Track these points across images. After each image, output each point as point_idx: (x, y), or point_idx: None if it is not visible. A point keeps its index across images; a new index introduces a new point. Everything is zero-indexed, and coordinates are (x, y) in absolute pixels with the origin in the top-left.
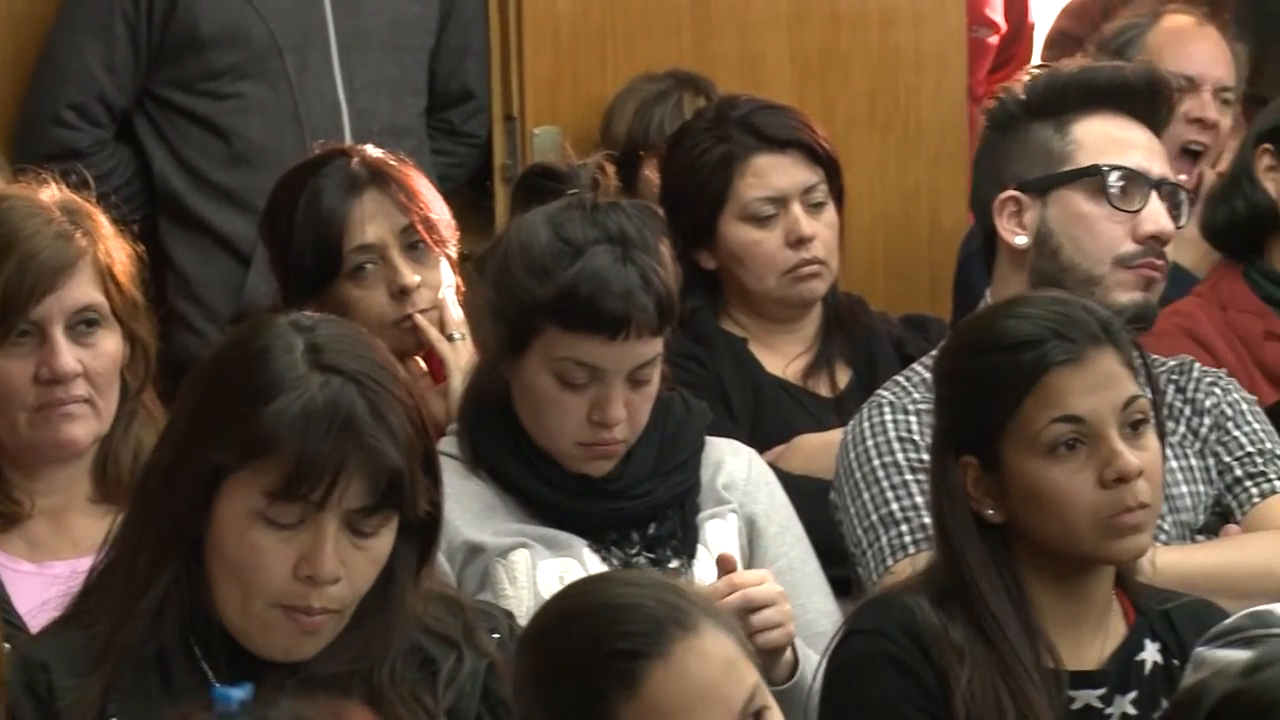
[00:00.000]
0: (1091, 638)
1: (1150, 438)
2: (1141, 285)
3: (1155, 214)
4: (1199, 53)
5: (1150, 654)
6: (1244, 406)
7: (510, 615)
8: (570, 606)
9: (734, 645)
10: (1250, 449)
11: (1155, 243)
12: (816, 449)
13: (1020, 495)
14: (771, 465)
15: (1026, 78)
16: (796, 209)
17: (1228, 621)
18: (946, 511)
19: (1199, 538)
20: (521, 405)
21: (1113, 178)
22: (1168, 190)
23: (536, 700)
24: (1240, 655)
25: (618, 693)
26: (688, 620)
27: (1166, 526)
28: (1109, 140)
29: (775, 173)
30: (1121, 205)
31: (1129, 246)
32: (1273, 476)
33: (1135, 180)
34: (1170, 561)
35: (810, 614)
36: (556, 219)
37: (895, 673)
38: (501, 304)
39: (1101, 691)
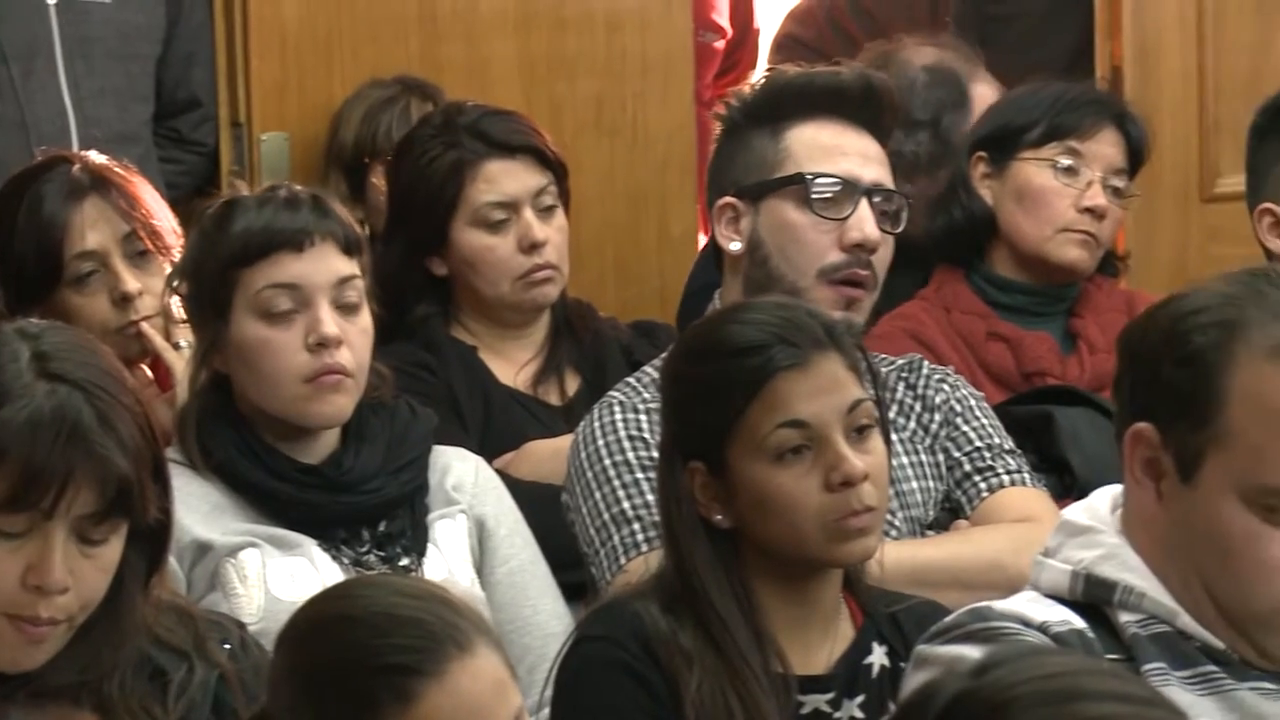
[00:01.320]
0: (820, 642)
1: (875, 441)
2: (842, 304)
3: (861, 221)
4: None
5: (878, 657)
6: (972, 403)
7: (242, 625)
8: (344, 611)
9: (503, 665)
10: (979, 444)
11: (861, 251)
12: (546, 455)
13: (748, 500)
14: (501, 472)
15: (753, 83)
16: (528, 214)
17: (948, 619)
18: (674, 517)
19: (929, 533)
20: (241, 373)
21: (818, 185)
22: (880, 198)
23: (301, 698)
24: (961, 650)
25: (390, 705)
26: (464, 639)
27: (897, 522)
28: (818, 147)
29: (506, 178)
30: (827, 213)
31: (835, 256)
32: (1001, 471)
33: (844, 188)
34: (901, 556)
35: (541, 615)
36: (230, 199)
37: (625, 679)
38: (194, 287)
39: (830, 695)
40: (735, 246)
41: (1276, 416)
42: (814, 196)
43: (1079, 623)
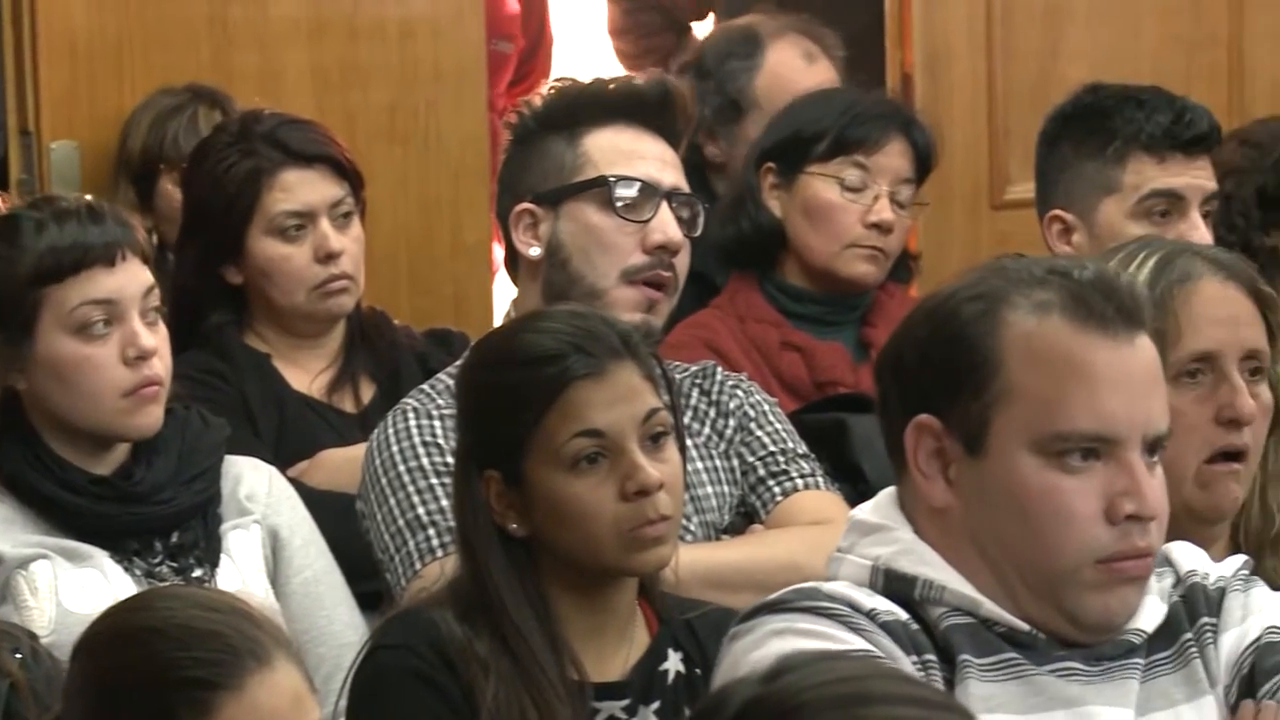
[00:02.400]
0: (616, 649)
1: (671, 449)
2: (644, 306)
3: (664, 224)
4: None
5: (673, 664)
6: (766, 408)
7: (34, 635)
8: (143, 622)
9: (302, 679)
10: (773, 448)
11: (664, 253)
12: (340, 463)
13: (543, 509)
14: (295, 480)
15: (545, 90)
16: (324, 224)
17: (773, 595)
18: (470, 526)
19: (724, 537)
20: (51, 389)
21: (620, 188)
22: (679, 201)
23: (97, 709)
24: (789, 622)
25: (187, 718)
26: (262, 652)
27: (693, 527)
28: (618, 152)
29: (303, 187)
30: (630, 216)
31: (638, 258)
32: (794, 475)
33: (645, 191)
34: (698, 559)
35: (337, 625)
36: (14, 210)
37: (420, 687)
38: None
39: (625, 702)
40: (534, 252)
41: (1052, 364)
42: (616, 199)
43: (902, 614)
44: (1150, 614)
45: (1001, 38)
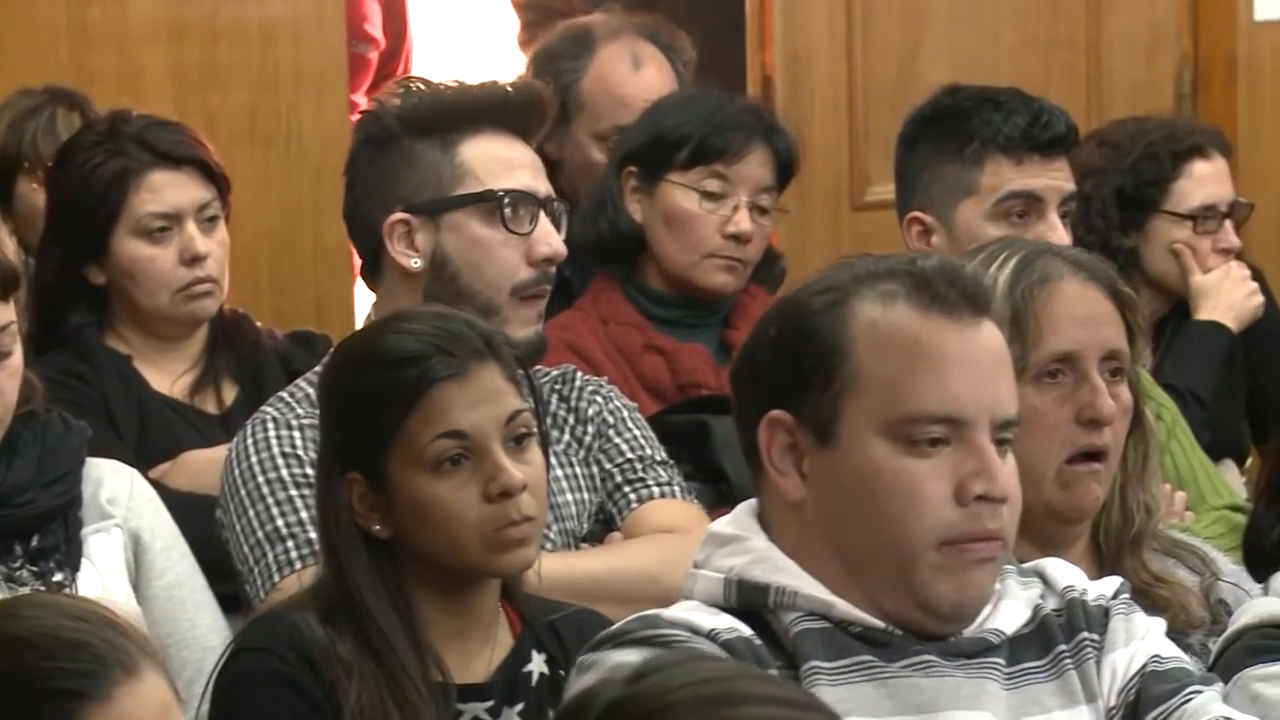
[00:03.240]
0: (479, 650)
1: (534, 451)
2: (534, 320)
3: (547, 235)
4: (637, 95)
5: (537, 665)
6: (625, 414)
7: None
8: (9, 631)
9: (168, 688)
10: (630, 456)
11: (548, 265)
12: (202, 466)
13: (406, 511)
14: (157, 482)
15: (400, 91)
16: (191, 227)
17: (615, 625)
18: (332, 528)
19: (584, 545)
20: None
21: (506, 201)
22: (553, 209)
23: None
24: (626, 656)
25: None
26: (130, 663)
27: (552, 534)
28: (496, 161)
29: (170, 189)
30: (515, 229)
31: (525, 273)
32: (651, 483)
33: (525, 201)
34: (557, 568)
35: (199, 628)
36: None
37: (283, 690)
38: None
39: (490, 704)
40: (416, 264)
41: (899, 348)
42: (505, 212)
43: (745, 630)
44: (1010, 616)
45: (861, 39)
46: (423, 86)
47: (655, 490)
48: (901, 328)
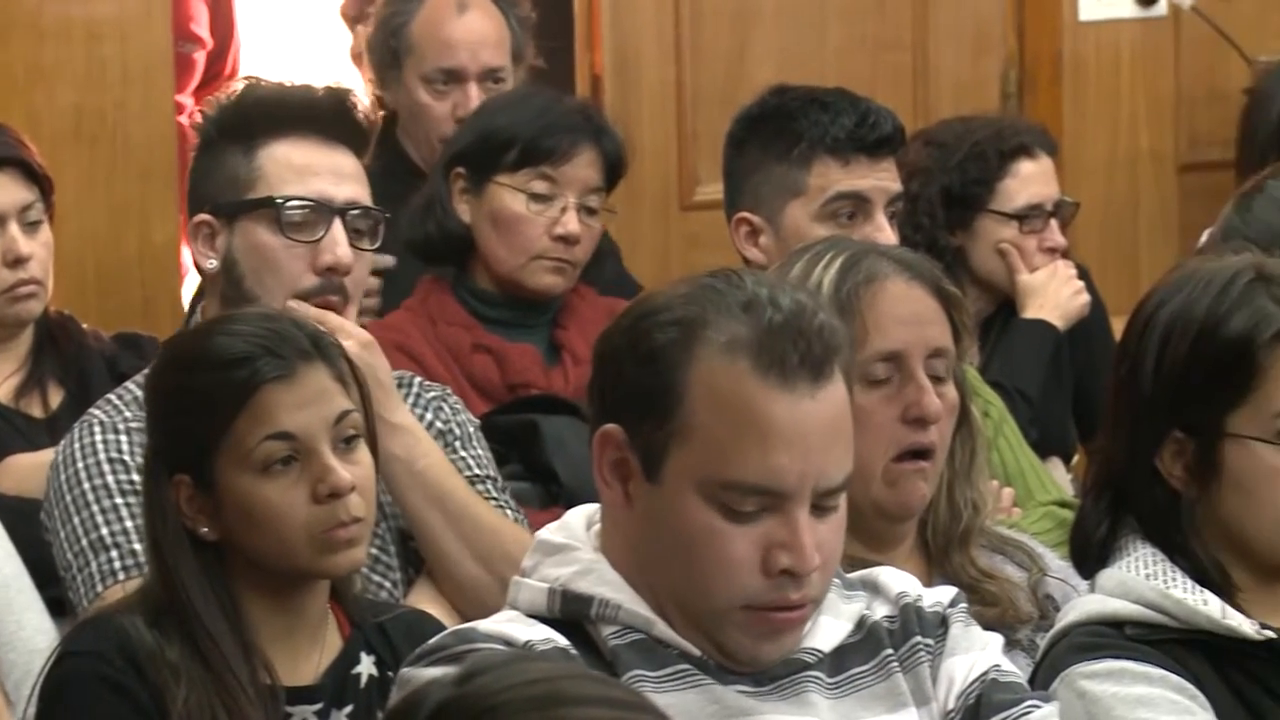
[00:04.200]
0: (308, 652)
1: (363, 452)
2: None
3: (334, 244)
4: (460, 38)
5: (366, 667)
6: (471, 430)
7: None
8: None
9: None
10: (478, 472)
11: (333, 274)
12: (28, 469)
13: (234, 513)
14: None
15: (228, 93)
16: (13, 228)
17: (433, 640)
18: (159, 530)
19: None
20: None
21: (289, 208)
22: (356, 215)
23: None
24: (445, 672)
25: None
26: None
27: (380, 531)
28: (290, 168)
29: None
30: (299, 236)
31: (308, 280)
32: (492, 504)
33: (316, 209)
34: (441, 471)
35: (26, 630)
36: None
37: (109, 693)
38: None
39: (318, 706)
40: (211, 264)
41: (730, 410)
42: (285, 220)
43: (562, 641)
44: (827, 634)
45: (690, 40)
46: (261, 87)
47: (499, 511)
48: (737, 391)
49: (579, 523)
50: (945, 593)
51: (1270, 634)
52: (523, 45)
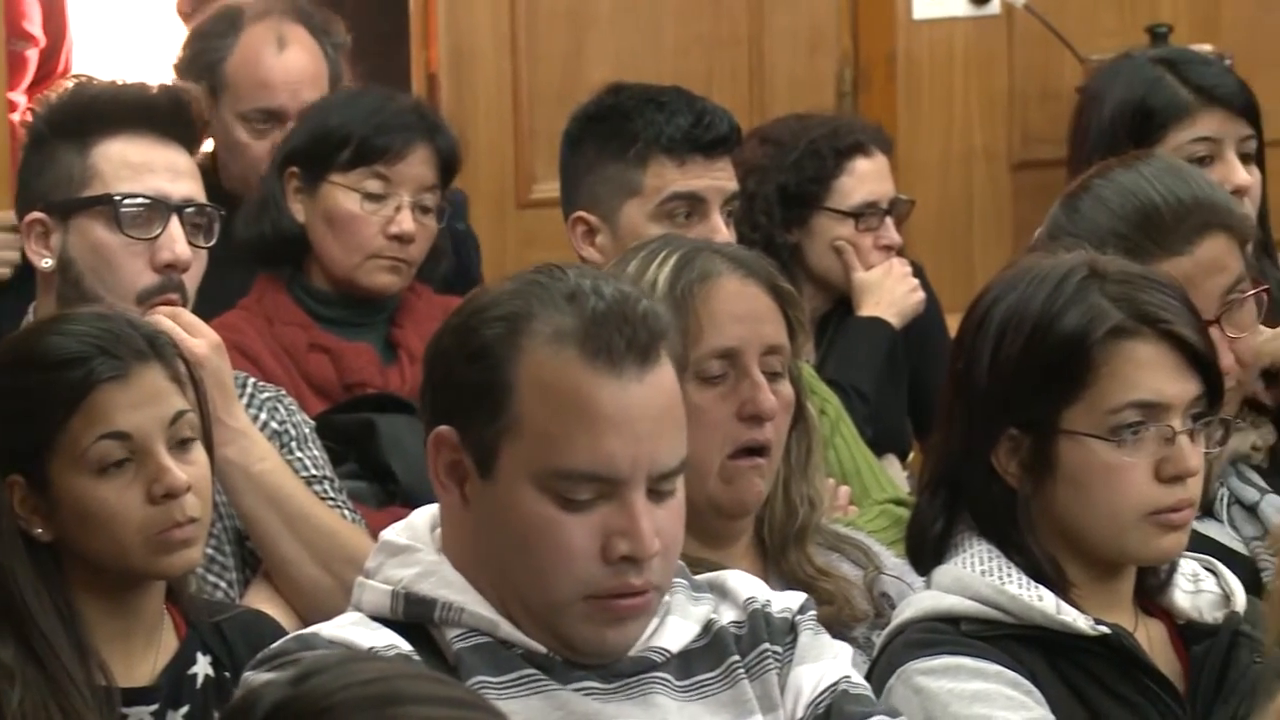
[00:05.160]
0: (144, 653)
1: (199, 452)
2: None
3: (172, 240)
4: (279, 80)
5: (202, 667)
6: (307, 431)
7: None
8: None
9: None
10: (315, 472)
11: (173, 271)
12: None
13: (69, 514)
14: None
15: (59, 90)
16: None
17: (275, 645)
18: None
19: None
20: None
21: (125, 205)
22: (193, 211)
23: None
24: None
25: None
26: None
27: (216, 531)
28: (126, 165)
29: None
30: (137, 234)
31: (148, 279)
32: (329, 504)
33: (153, 207)
34: (280, 475)
35: None
36: None
37: None
38: None
39: (154, 707)
40: (46, 263)
41: (559, 399)
42: (122, 217)
43: (405, 646)
44: (676, 634)
45: (526, 38)
46: (94, 84)
47: (336, 511)
48: (564, 380)
49: (423, 523)
50: (794, 599)
51: (1104, 629)
52: (339, 72)
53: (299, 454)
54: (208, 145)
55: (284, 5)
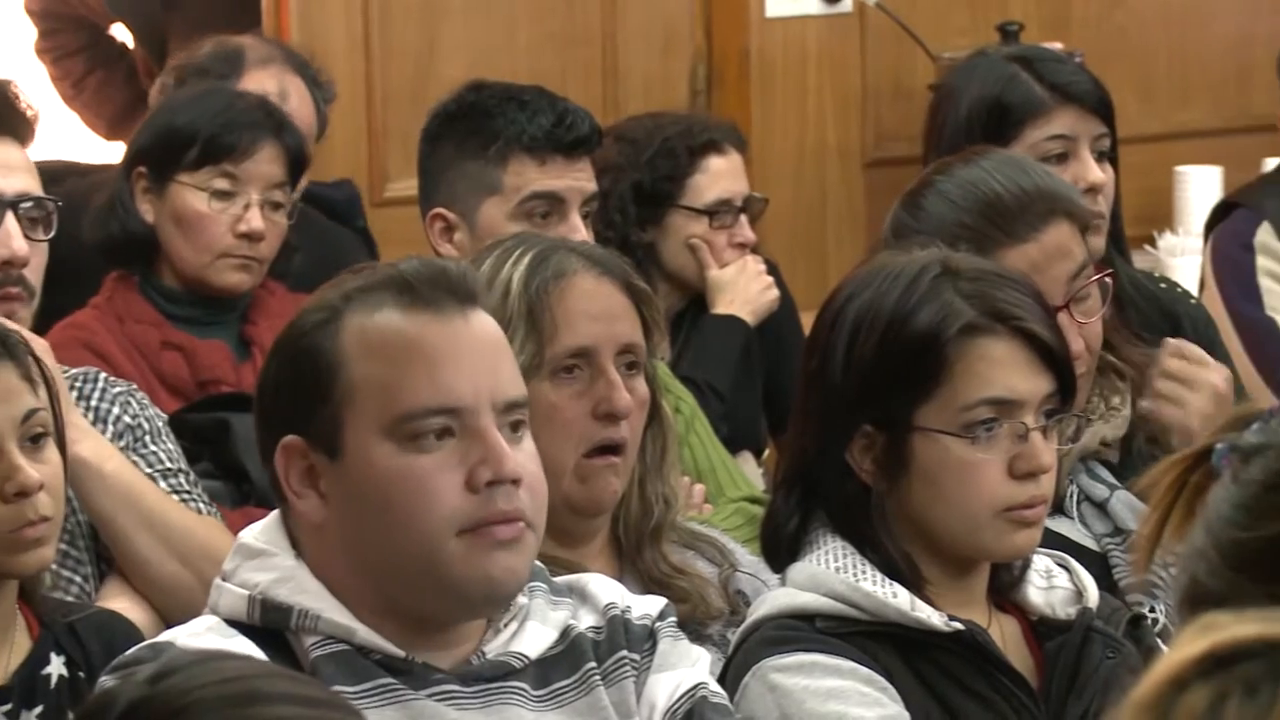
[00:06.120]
0: None
1: (51, 450)
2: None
3: (7, 237)
4: None
5: (56, 667)
6: (160, 424)
7: None
8: None
9: None
10: (170, 465)
11: (10, 268)
12: None
13: None
14: None
15: None
16: None
17: (129, 653)
18: None
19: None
20: None
21: None
22: (26, 209)
23: None
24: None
25: None
26: None
27: (69, 526)
28: None
29: None
30: None
31: None
32: (185, 498)
33: None
34: (134, 480)
35: None
36: None
37: None
38: None
39: (7, 707)
40: None
41: (388, 350)
42: None
43: (260, 654)
44: (535, 639)
45: (379, 36)
46: None
47: (191, 506)
48: (388, 330)
49: (278, 527)
50: (654, 605)
51: (959, 626)
52: (325, 126)
53: (153, 448)
54: None
55: (284, 53)
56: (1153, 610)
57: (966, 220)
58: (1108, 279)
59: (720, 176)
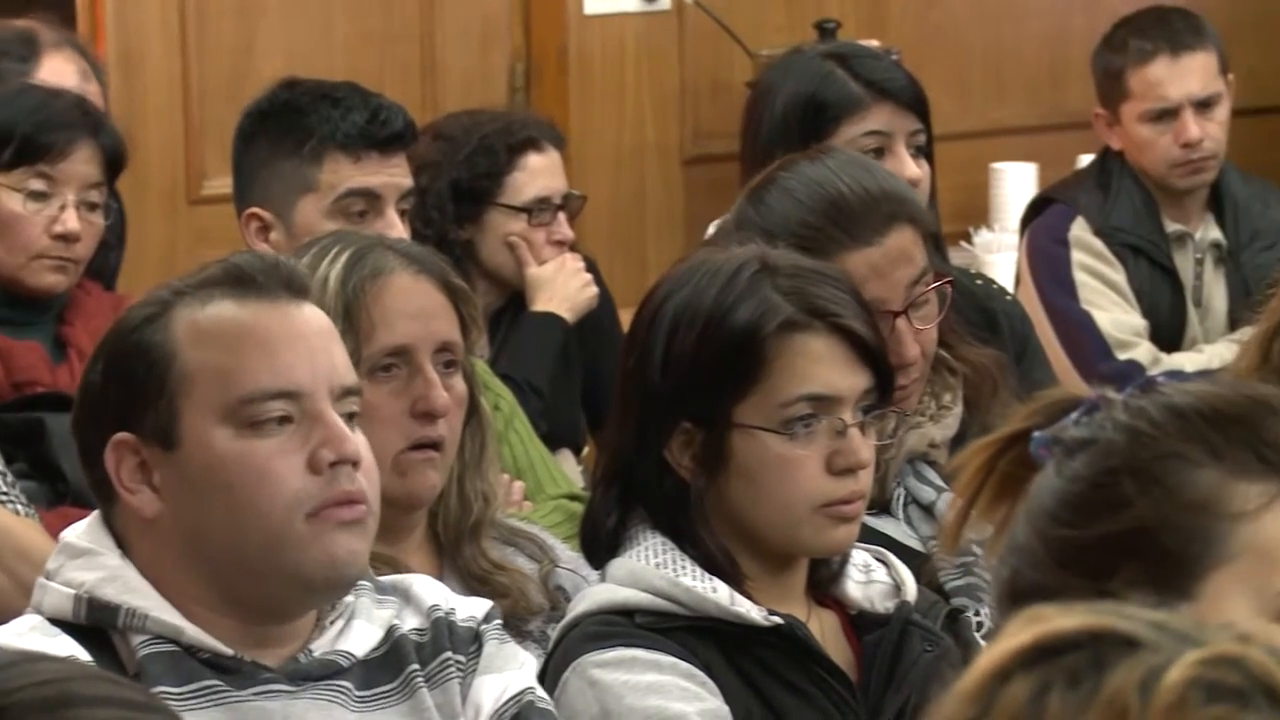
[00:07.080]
0: None
1: None
2: None
3: None
4: None
5: None
6: None
7: None
8: None
9: None
10: None
11: None
12: None
13: None
14: None
15: None
16: None
17: None
18: None
19: None
20: None
21: None
22: None
23: None
24: None
25: None
26: None
27: None
28: None
29: None
30: None
31: None
32: (4, 489)
33: None
34: None
35: None
36: None
37: None
38: None
39: None
40: None
41: (222, 337)
42: None
43: (84, 654)
44: (361, 638)
45: (195, 34)
46: None
47: (9, 507)
48: (222, 318)
49: (101, 527)
50: (479, 606)
51: (777, 620)
52: None
53: None
54: None
55: (69, 37)
56: (978, 614)
57: (810, 220)
58: (947, 287)
59: (538, 174)
